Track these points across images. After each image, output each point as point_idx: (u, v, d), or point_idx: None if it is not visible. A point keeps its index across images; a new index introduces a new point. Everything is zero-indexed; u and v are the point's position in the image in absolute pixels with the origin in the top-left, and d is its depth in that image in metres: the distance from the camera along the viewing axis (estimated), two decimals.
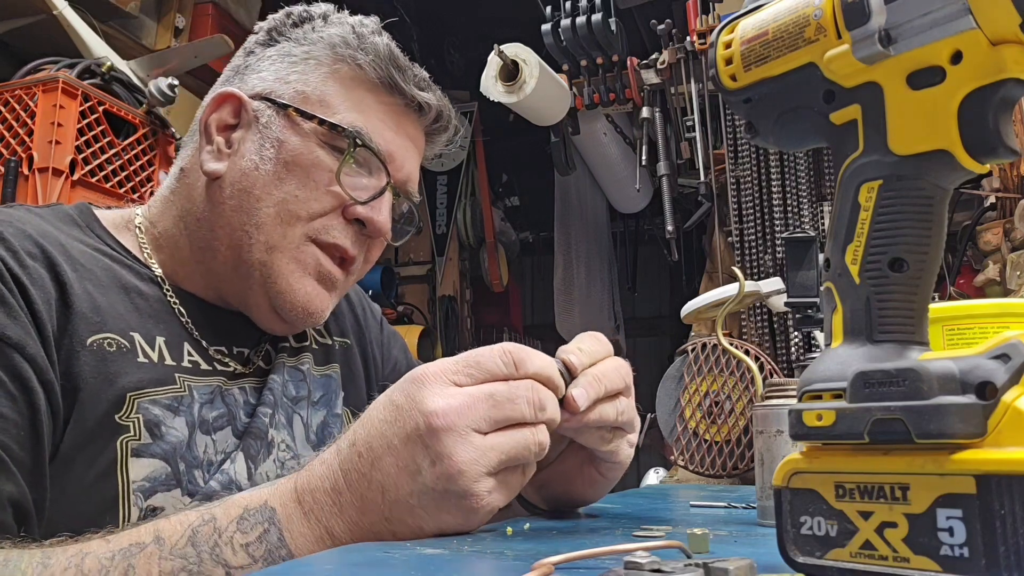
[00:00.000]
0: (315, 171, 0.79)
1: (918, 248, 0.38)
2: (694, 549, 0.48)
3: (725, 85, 0.46)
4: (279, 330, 0.86)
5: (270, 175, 0.79)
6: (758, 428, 0.72)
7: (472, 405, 0.56)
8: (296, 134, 0.80)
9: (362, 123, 0.81)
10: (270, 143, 0.80)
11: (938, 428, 0.33)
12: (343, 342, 0.98)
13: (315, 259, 0.81)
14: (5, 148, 1.86)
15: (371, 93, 0.83)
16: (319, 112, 0.81)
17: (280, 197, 0.79)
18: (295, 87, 0.82)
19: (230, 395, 0.81)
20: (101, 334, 0.72)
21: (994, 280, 1.93)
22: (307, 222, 0.79)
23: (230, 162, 0.81)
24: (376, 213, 0.82)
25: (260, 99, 0.83)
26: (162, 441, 0.72)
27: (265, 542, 0.56)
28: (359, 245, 0.83)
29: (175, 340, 0.79)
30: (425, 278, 4.13)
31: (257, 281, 0.80)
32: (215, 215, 0.81)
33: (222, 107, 0.84)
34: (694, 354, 1.61)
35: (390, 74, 0.83)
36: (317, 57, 0.83)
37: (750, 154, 2.41)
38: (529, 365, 0.59)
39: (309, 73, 0.83)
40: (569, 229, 4.15)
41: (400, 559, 0.47)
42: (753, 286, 1.72)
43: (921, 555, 0.33)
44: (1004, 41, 0.35)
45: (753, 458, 0.75)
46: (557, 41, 2.63)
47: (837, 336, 0.40)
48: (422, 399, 0.56)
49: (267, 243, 0.79)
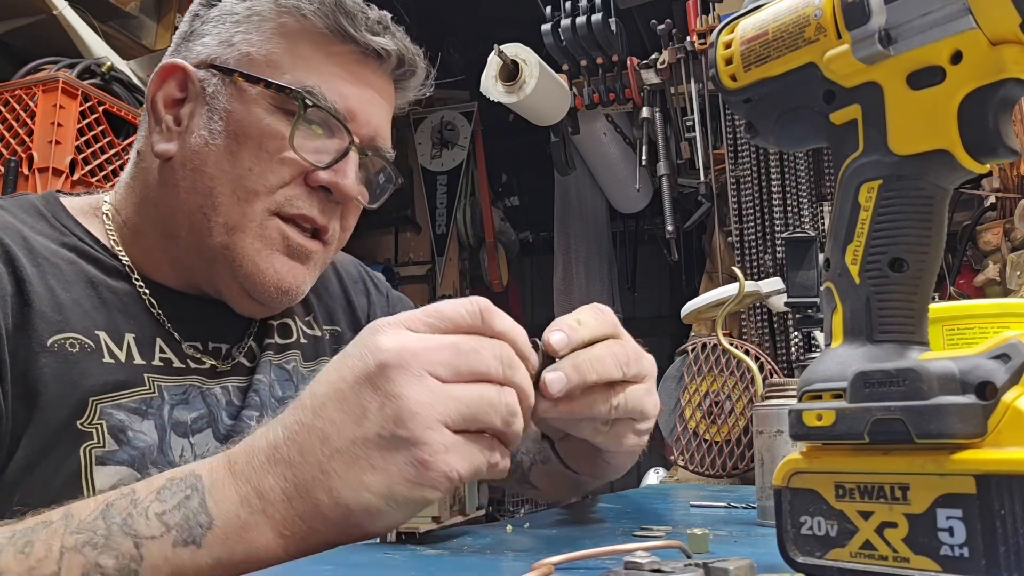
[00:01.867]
0: (268, 140, 0.73)
1: (918, 248, 0.38)
2: (694, 549, 0.48)
3: (725, 85, 0.46)
4: (257, 312, 0.81)
5: (222, 150, 0.73)
6: (758, 428, 0.72)
7: (431, 348, 0.50)
8: (244, 102, 0.74)
9: (314, 80, 0.74)
10: (219, 115, 0.74)
11: (938, 428, 0.33)
12: (332, 330, 0.93)
13: (281, 233, 0.75)
14: (5, 148, 1.86)
15: (322, 45, 0.76)
16: (266, 74, 0.74)
17: (235, 174, 0.73)
18: (240, 49, 0.75)
19: (211, 395, 0.77)
20: (63, 334, 0.68)
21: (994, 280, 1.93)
22: (267, 196, 0.73)
23: (180, 140, 0.76)
24: (341, 177, 0.75)
25: (205, 67, 0.76)
26: (129, 447, 0.68)
27: (183, 508, 0.50)
28: (329, 213, 0.77)
29: (146, 336, 0.74)
30: (425, 278, 4.13)
31: (223, 265, 0.75)
32: (171, 198, 0.76)
33: (167, 81, 0.77)
34: (694, 354, 1.61)
35: (338, 21, 0.75)
36: (260, 12, 0.76)
37: (750, 154, 2.41)
38: (498, 321, 0.54)
39: (253, 32, 0.76)
40: (569, 229, 4.15)
41: (400, 560, 0.47)
42: (753, 286, 1.72)
43: (921, 555, 0.33)
44: (1004, 41, 0.35)
45: (753, 458, 0.75)
46: (557, 41, 2.63)
47: (837, 336, 0.40)
48: (374, 341, 0.51)
49: (227, 224, 0.73)
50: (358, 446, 0.49)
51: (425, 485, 0.49)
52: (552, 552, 0.40)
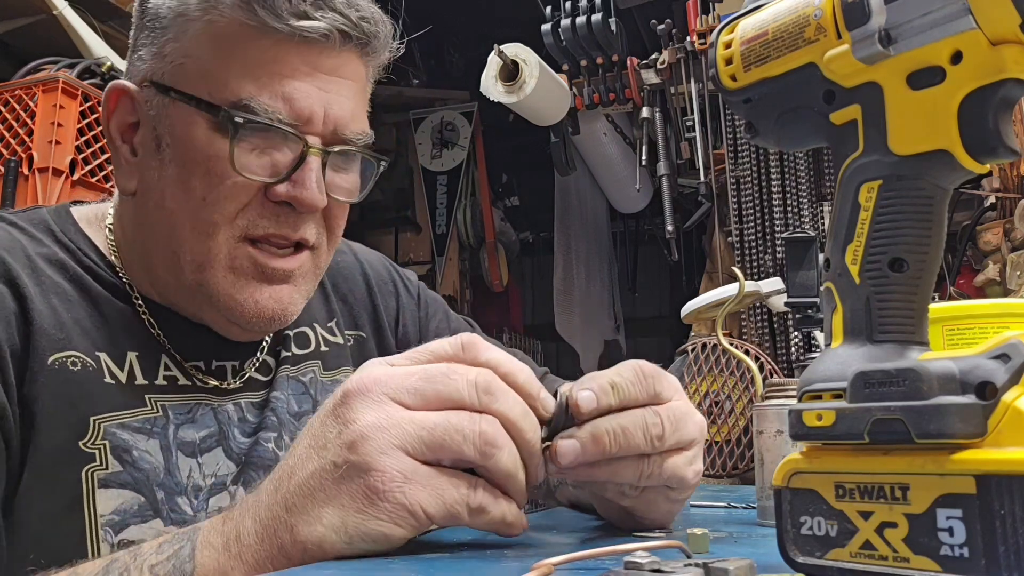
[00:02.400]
0: (214, 164, 0.66)
1: (918, 248, 0.38)
2: (694, 549, 0.48)
3: (725, 85, 0.46)
4: (250, 338, 0.77)
5: (175, 181, 0.67)
6: (758, 428, 0.72)
7: (396, 375, 0.48)
8: (185, 123, 0.67)
9: (252, 87, 0.66)
10: (164, 140, 0.68)
11: (938, 428, 0.33)
12: (357, 335, 0.89)
13: (252, 261, 0.69)
14: (5, 148, 1.86)
15: (254, 40, 0.66)
16: (201, 87, 0.66)
17: (191, 206, 0.67)
18: (172, 59, 0.68)
19: (223, 411, 0.74)
20: (64, 352, 0.66)
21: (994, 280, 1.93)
22: (228, 224, 0.67)
23: (139, 174, 0.70)
24: (299, 188, 0.67)
25: (147, 85, 0.69)
26: (133, 468, 0.66)
27: (174, 560, 0.50)
28: (301, 224, 0.70)
29: (149, 354, 0.72)
30: (425, 278, 4.11)
31: (203, 300, 0.71)
32: (145, 237, 0.72)
33: (118, 107, 0.71)
34: (694, 354, 1.61)
35: (258, 17, 0.65)
36: (184, 13, 0.67)
37: (750, 154, 2.42)
38: (482, 352, 0.50)
39: (181, 38, 0.67)
40: (569, 229, 4.16)
41: (400, 561, 0.47)
42: (753, 286, 1.72)
43: (921, 555, 0.33)
44: (1004, 41, 0.35)
45: (753, 458, 0.75)
46: (557, 41, 2.63)
47: (837, 336, 0.40)
48: (350, 377, 0.50)
49: (195, 261, 0.69)
50: (316, 477, 0.47)
51: (381, 519, 0.45)
52: (552, 552, 0.40)
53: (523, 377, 0.51)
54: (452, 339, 0.51)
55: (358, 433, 0.46)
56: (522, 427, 0.49)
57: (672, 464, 0.55)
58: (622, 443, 0.51)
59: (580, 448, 0.50)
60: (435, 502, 0.46)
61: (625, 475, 0.54)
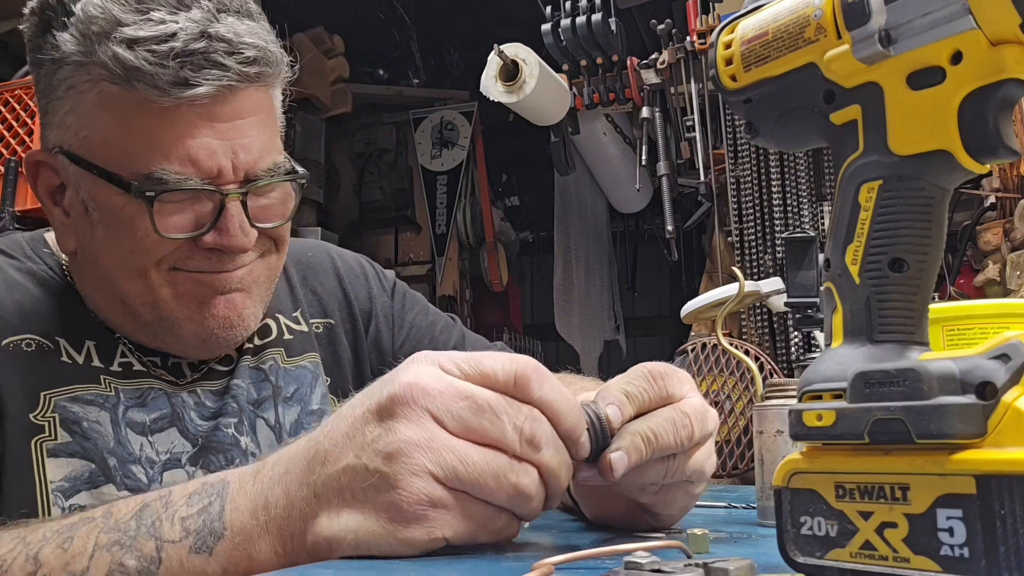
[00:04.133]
0: (137, 224, 0.67)
1: (918, 248, 0.38)
2: (694, 549, 0.48)
3: (725, 85, 0.46)
4: (214, 355, 0.80)
5: (103, 240, 0.70)
6: (758, 428, 0.72)
7: (445, 392, 0.46)
8: (101, 192, 0.68)
9: (158, 159, 0.66)
10: (86, 204, 0.70)
11: (938, 428, 0.33)
12: (325, 323, 0.91)
13: (190, 281, 0.71)
14: (5, 148, 1.87)
15: (146, 110, 0.65)
16: (109, 160, 0.67)
17: (120, 259, 0.70)
18: (76, 133, 0.69)
19: (177, 397, 0.76)
20: (19, 335, 0.70)
21: (994, 280, 1.93)
22: (156, 267, 0.70)
23: (75, 233, 0.73)
24: (224, 236, 0.69)
25: (58, 152, 0.71)
26: (82, 438, 0.69)
27: (204, 515, 0.51)
28: (234, 260, 0.72)
29: (106, 345, 0.75)
30: (425, 278, 4.13)
31: (165, 333, 0.74)
32: (93, 292, 0.75)
33: (40, 174, 0.73)
34: (694, 354, 1.61)
35: (139, 88, 0.64)
36: (73, 84, 0.67)
37: (750, 154, 2.42)
38: (535, 390, 0.48)
39: (78, 109, 0.68)
40: (569, 229, 4.16)
41: (400, 561, 0.47)
42: (753, 286, 1.72)
43: (921, 555, 0.33)
44: (1004, 41, 0.35)
45: (753, 458, 0.75)
46: (557, 41, 2.63)
47: (837, 336, 0.40)
48: (399, 372, 0.48)
49: (145, 302, 0.71)
50: (347, 475, 0.47)
51: (397, 537, 0.45)
52: (552, 552, 0.40)
53: (570, 422, 0.50)
54: (508, 363, 0.48)
55: (395, 447, 0.45)
56: (561, 476, 0.49)
57: (695, 460, 0.56)
58: (655, 446, 0.52)
59: (626, 457, 0.51)
60: (456, 530, 0.47)
61: (651, 475, 0.54)
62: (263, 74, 0.70)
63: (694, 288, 2.89)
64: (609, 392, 0.54)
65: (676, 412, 0.54)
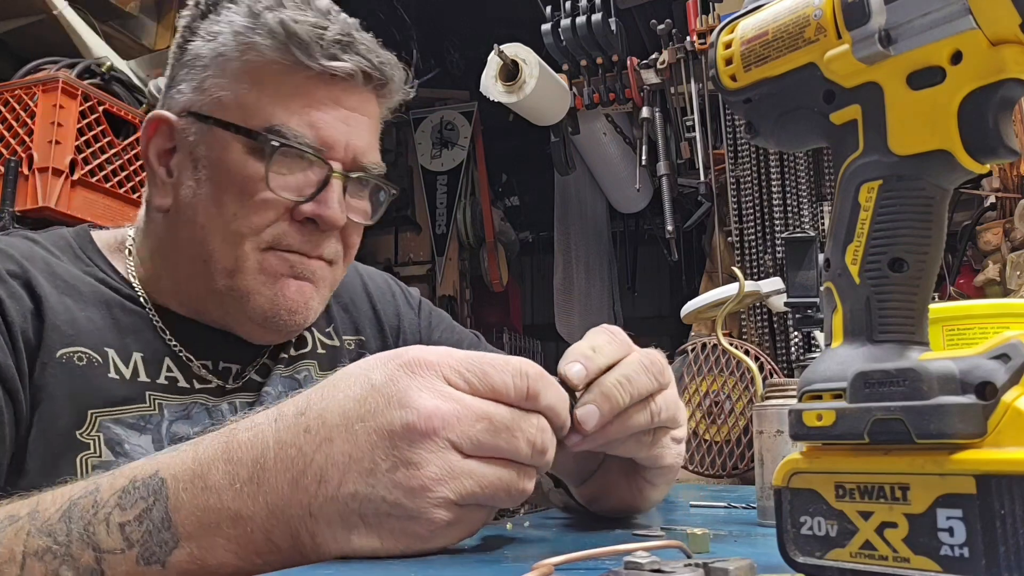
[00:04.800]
0: (247, 184, 0.74)
1: (918, 248, 0.38)
2: (694, 549, 0.48)
3: (725, 85, 0.46)
4: (271, 340, 0.83)
5: (208, 198, 0.75)
6: (758, 428, 0.72)
7: (464, 418, 0.46)
8: (221, 148, 0.75)
9: (283, 116, 0.74)
10: (202, 163, 0.75)
11: (938, 428, 0.33)
12: (357, 339, 0.94)
13: (280, 259, 0.76)
14: (5, 148, 1.86)
15: (287, 77, 0.75)
16: (237, 117, 0.75)
17: (222, 220, 0.74)
18: (211, 94, 0.76)
19: (217, 411, 0.78)
20: (72, 347, 0.71)
21: (994, 280, 1.93)
22: (254, 236, 0.74)
23: (174, 192, 0.77)
24: (323, 208, 0.75)
25: (186, 115, 0.77)
26: (125, 458, 0.69)
27: (146, 522, 0.47)
28: (322, 242, 0.78)
29: (154, 356, 0.77)
30: (425, 278, 4.13)
31: (232, 305, 0.77)
32: (174, 250, 0.79)
33: (156, 134, 0.79)
34: (694, 354, 1.61)
35: (292, 54, 0.74)
36: (225, 53, 0.76)
37: (750, 154, 2.42)
38: (543, 398, 0.49)
39: (221, 75, 0.76)
40: (569, 229, 4.16)
41: (400, 560, 0.47)
42: (753, 286, 1.73)
43: (921, 555, 0.33)
44: (1004, 41, 0.35)
45: (753, 458, 0.75)
46: (557, 41, 2.63)
47: (837, 336, 0.40)
48: (407, 390, 0.46)
49: (225, 269, 0.75)
50: (356, 500, 0.46)
51: (414, 551, 0.47)
52: (552, 552, 0.40)
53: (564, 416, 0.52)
54: (517, 377, 0.49)
55: (419, 484, 0.45)
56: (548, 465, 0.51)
57: (669, 399, 0.59)
58: (631, 391, 0.55)
59: (597, 410, 0.53)
60: (459, 535, 0.49)
61: (639, 420, 0.56)
62: (389, 80, 0.80)
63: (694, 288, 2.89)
64: (573, 351, 0.55)
65: (641, 354, 0.58)
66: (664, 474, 0.66)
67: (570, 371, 0.53)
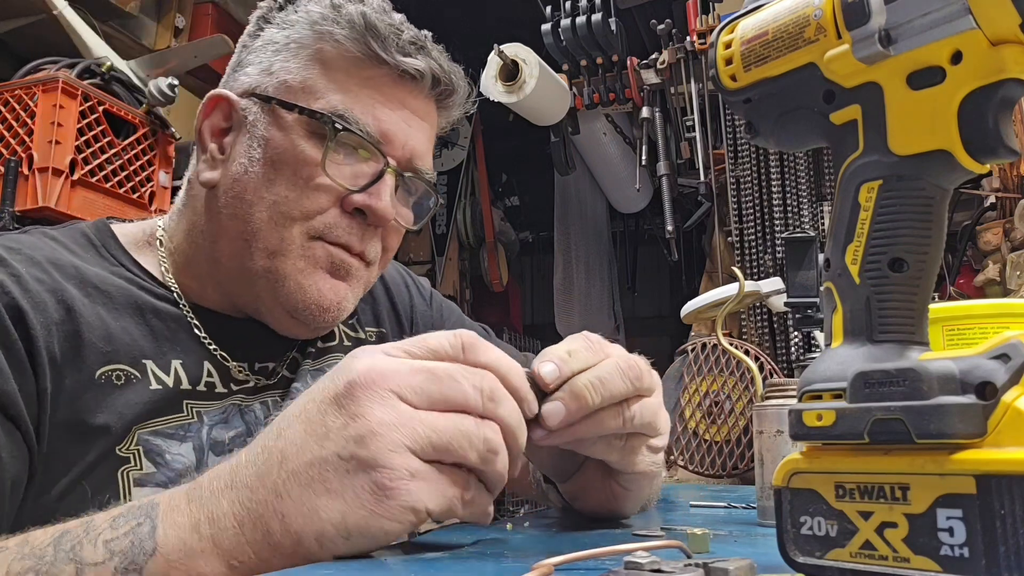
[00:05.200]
0: (302, 166, 0.74)
1: (918, 248, 0.38)
2: (694, 549, 0.48)
3: (725, 85, 0.46)
4: (299, 333, 0.82)
5: (260, 177, 0.75)
6: (758, 428, 0.72)
7: (401, 371, 0.48)
8: (281, 129, 0.75)
9: (348, 104, 0.75)
10: (258, 142, 0.76)
11: (938, 428, 0.33)
12: (378, 331, 0.94)
13: (324, 251, 0.75)
14: (5, 148, 1.86)
15: (357, 69, 0.76)
16: (301, 100, 0.75)
17: (271, 200, 0.74)
18: (279, 77, 0.77)
19: (250, 412, 0.78)
20: (110, 365, 0.70)
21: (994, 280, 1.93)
22: (304, 222, 0.75)
23: (223, 168, 0.78)
24: (375, 200, 0.75)
25: (248, 96, 0.78)
26: (167, 468, 0.70)
27: (132, 536, 0.49)
28: (367, 238, 0.77)
29: (193, 361, 0.76)
30: (425, 278, 4.12)
31: (265, 288, 0.76)
32: (215, 226, 0.78)
33: (214, 111, 0.80)
34: (694, 354, 1.61)
35: (368, 45, 0.75)
36: (299, 40, 0.77)
37: (750, 154, 2.41)
38: (482, 354, 0.51)
39: (291, 59, 0.77)
40: (569, 229, 4.15)
41: (399, 561, 0.47)
42: (753, 286, 1.73)
43: (921, 555, 0.33)
44: (1004, 41, 0.35)
45: (753, 458, 0.75)
46: (557, 41, 2.63)
47: (837, 336, 0.40)
48: (348, 363, 0.49)
49: (267, 249, 0.75)
50: (315, 467, 0.46)
51: (384, 516, 0.45)
52: (552, 552, 0.40)
53: (517, 380, 0.52)
54: (451, 336, 0.51)
55: (368, 429, 0.46)
56: (517, 434, 0.51)
57: (648, 406, 0.59)
58: (603, 393, 0.55)
59: (564, 408, 0.53)
60: (437, 500, 0.47)
61: (610, 423, 0.56)
62: (455, 90, 0.83)
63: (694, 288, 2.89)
64: (548, 353, 0.56)
65: (620, 359, 0.57)
66: (637, 481, 0.65)
67: (542, 369, 0.54)
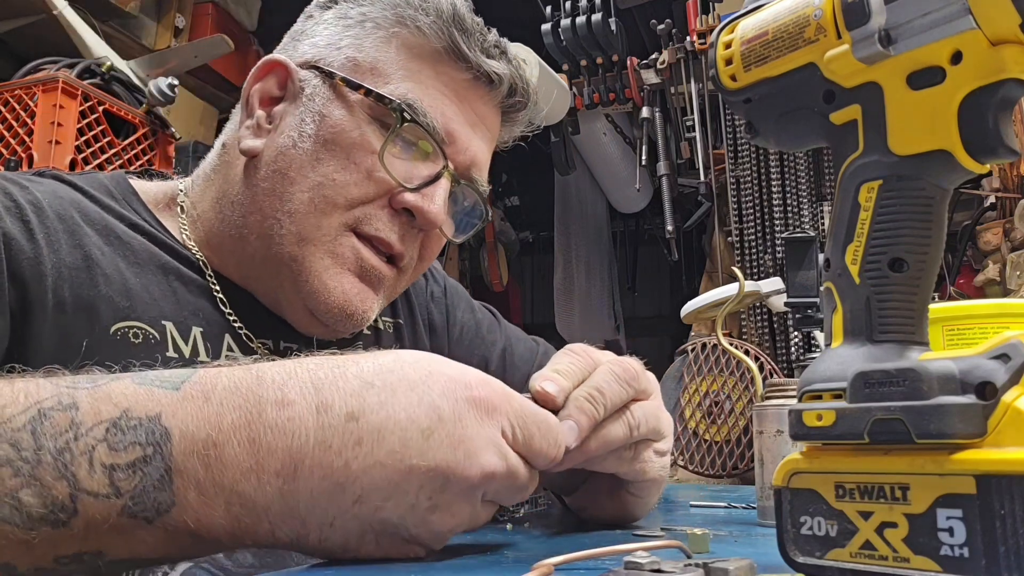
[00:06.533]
0: (357, 151, 0.69)
1: (918, 248, 0.38)
2: (694, 549, 0.48)
3: (725, 85, 0.46)
4: (317, 333, 0.76)
5: (308, 155, 0.69)
6: (758, 428, 0.72)
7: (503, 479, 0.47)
8: (341, 107, 0.70)
9: (418, 95, 0.70)
10: (312, 118, 0.70)
11: (938, 428, 0.33)
12: (395, 321, 0.90)
13: (354, 251, 0.70)
14: (5, 148, 1.87)
15: (433, 61, 0.72)
16: (368, 81, 0.70)
17: (316, 181, 0.69)
18: (347, 53, 0.72)
19: None
20: (127, 322, 0.65)
21: (994, 280, 1.93)
22: (345, 210, 0.69)
23: (268, 139, 0.72)
24: (428, 202, 0.70)
25: (308, 67, 0.73)
26: None
27: (139, 474, 0.41)
28: (409, 240, 0.72)
29: (214, 332, 0.71)
30: None
31: (287, 278, 0.70)
32: (248, 198, 0.72)
33: (267, 77, 0.74)
34: (694, 354, 1.61)
35: (453, 38, 0.71)
36: (375, 19, 0.73)
37: (750, 154, 2.42)
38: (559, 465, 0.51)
39: (364, 38, 0.73)
40: (569, 229, 4.15)
41: (400, 562, 0.47)
42: (753, 286, 1.73)
43: (921, 555, 0.33)
44: (1004, 41, 0.35)
45: (753, 458, 0.75)
46: (557, 41, 2.63)
47: (837, 336, 0.40)
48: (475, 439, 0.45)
49: (299, 234, 0.69)
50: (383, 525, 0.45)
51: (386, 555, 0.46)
52: (552, 552, 0.40)
53: None
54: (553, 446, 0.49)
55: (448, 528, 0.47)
56: None
57: (649, 409, 0.58)
58: (604, 402, 0.53)
59: (575, 425, 0.51)
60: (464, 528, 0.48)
61: (617, 433, 0.55)
62: (526, 104, 0.79)
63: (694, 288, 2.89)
64: (537, 376, 0.54)
65: (612, 364, 0.56)
66: (648, 487, 0.64)
67: (545, 387, 0.52)
